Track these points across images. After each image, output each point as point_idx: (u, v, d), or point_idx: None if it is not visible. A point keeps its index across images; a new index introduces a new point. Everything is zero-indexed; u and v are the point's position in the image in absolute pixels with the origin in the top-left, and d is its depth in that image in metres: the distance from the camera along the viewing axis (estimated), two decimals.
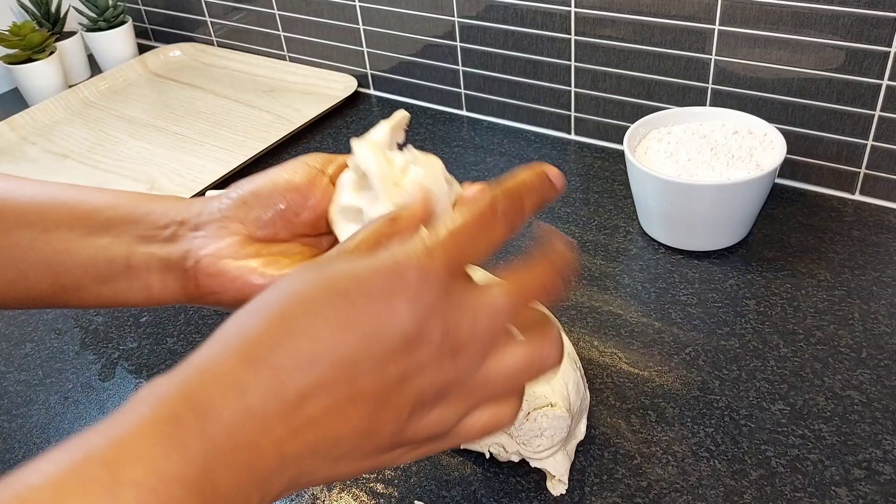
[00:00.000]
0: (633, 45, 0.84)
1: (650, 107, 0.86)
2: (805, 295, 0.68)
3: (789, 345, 0.64)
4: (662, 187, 0.70)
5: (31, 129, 1.09)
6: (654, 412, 0.59)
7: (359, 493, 0.56)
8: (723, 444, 0.57)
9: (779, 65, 0.76)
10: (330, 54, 1.12)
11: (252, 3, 1.15)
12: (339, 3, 1.04)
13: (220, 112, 1.08)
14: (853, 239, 0.74)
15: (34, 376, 0.70)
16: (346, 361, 0.28)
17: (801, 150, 0.80)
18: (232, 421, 0.26)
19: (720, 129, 0.75)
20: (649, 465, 0.56)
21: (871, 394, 0.59)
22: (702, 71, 0.81)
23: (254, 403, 0.27)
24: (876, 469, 0.54)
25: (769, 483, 0.54)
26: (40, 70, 1.15)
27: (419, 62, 1.03)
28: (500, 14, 0.91)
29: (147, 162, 0.99)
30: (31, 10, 1.20)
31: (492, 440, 0.53)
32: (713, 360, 0.63)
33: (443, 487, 0.56)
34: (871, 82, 0.73)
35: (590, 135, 0.94)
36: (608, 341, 0.66)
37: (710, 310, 0.68)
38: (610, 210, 0.82)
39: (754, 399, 0.60)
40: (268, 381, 0.27)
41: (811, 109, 0.77)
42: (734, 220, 0.72)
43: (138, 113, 1.11)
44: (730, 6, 0.76)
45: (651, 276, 0.72)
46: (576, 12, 0.85)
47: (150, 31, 1.34)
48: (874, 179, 0.77)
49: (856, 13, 0.70)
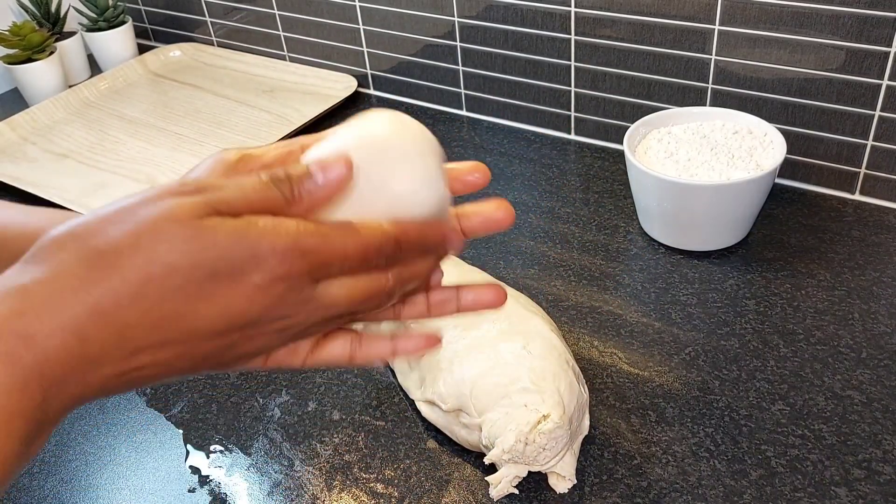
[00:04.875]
0: (633, 45, 0.84)
1: (650, 107, 0.86)
2: (805, 295, 0.68)
3: (789, 345, 0.64)
4: (662, 187, 0.70)
5: (31, 129, 1.09)
6: (654, 412, 0.59)
7: (359, 493, 0.56)
8: (723, 444, 0.57)
9: (779, 65, 0.76)
10: (330, 54, 1.12)
11: (252, 3, 1.15)
12: (339, 3, 1.04)
13: (220, 112, 1.08)
14: (853, 239, 0.74)
15: None
16: (190, 330, 0.31)
17: (801, 150, 0.80)
18: (69, 366, 0.29)
19: (720, 129, 0.75)
20: (649, 465, 0.56)
21: (871, 394, 0.59)
22: (702, 71, 0.81)
23: (92, 351, 0.29)
24: (876, 469, 0.54)
25: (769, 483, 0.54)
26: (40, 70, 1.15)
27: (419, 62, 1.03)
28: (500, 14, 0.91)
29: (147, 162, 0.99)
30: (31, 10, 1.20)
31: (504, 472, 0.53)
32: (713, 360, 0.63)
33: (443, 487, 0.56)
34: (871, 82, 0.73)
35: (590, 135, 0.94)
36: (608, 341, 0.66)
37: (710, 310, 0.68)
38: (610, 210, 0.81)
39: (754, 399, 0.60)
40: (111, 334, 0.29)
41: (811, 109, 0.77)
42: (734, 220, 0.72)
43: (138, 113, 1.11)
44: (730, 6, 0.76)
45: (651, 276, 0.72)
46: (576, 12, 0.85)
47: (150, 31, 1.34)
48: (874, 179, 0.77)
49: (856, 13, 0.70)
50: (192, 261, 0.30)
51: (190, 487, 0.59)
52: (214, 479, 0.59)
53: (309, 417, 0.63)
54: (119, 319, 0.29)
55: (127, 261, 0.29)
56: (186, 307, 0.30)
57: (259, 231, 0.31)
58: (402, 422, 0.61)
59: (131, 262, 0.29)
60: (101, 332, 0.29)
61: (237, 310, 0.31)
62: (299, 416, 0.63)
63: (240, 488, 0.58)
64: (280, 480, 0.58)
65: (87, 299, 0.29)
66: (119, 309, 0.29)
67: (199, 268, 0.30)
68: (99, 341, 0.29)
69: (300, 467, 0.59)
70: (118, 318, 0.29)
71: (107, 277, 0.29)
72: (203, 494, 0.58)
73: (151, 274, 0.30)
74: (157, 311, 0.30)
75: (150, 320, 0.30)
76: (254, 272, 0.31)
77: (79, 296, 0.29)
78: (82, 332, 0.29)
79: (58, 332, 0.29)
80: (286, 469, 0.59)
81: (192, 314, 0.31)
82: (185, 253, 0.30)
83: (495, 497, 0.53)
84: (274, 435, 0.62)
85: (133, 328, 0.30)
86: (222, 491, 0.58)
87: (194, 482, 0.59)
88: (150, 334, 0.30)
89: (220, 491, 0.58)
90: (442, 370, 0.57)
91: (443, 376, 0.57)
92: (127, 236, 0.30)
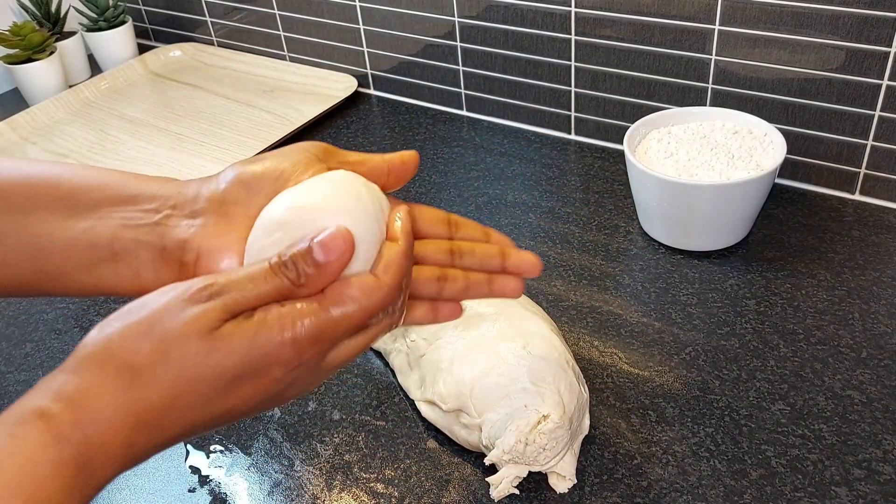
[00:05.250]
0: (633, 45, 0.84)
1: (650, 107, 0.86)
2: (805, 295, 0.68)
3: (789, 345, 0.64)
4: (662, 187, 0.70)
5: (31, 129, 1.09)
6: (654, 412, 0.59)
7: (359, 493, 0.56)
8: (723, 444, 0.57)
9: (779, 65, 0.76)
10: (330, 54, 1.12)
11: (252, 3, 1.15)
12: (339, 3, 1.04)
13: (220, 112, 1.08)
14: (853, 239, 0.74)
15: (34, 376, 0.70)
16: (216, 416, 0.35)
17: (801, 150, 0.80)
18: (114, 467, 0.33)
19: (720, 129, 0.75)
20: (649, 465, 0.56)
21: (871, 394, 0.59)
22: (702, 71, 0.81)
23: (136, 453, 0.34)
24: (876, 469, 0.54)
25: (769, 483, 0.54)
26: (40, 70, 1.15)
27: (419, 62, 1.03)
28: (500, 14, 0.91)
29: (147, 162, 0.99)
30: (31, 10, 1.20)
31: (504, 473, 0.53)
32: (713, 360, 0.63)
33: (443, 487, 0.56)
34: (871, 82, 0.73)
35: (590, 135, 0.94)
36: (608, 341, 0.66)
37: (710, 310, 0.68)
38: (610, 210, 0.82)
39: (754, 399, 0.60)
40: (154, 438, 0.34)
41: (811, 109, 0.77)
42: (734, 220, 0.72)
43: (138, 113, 1.11)
44: (730, 6, 0.76)
45: (651, 276, 0.72)
46: (576, 12, 0.85)
47: (150, 31, 1.34)
48: (874, 179, 0.77)
49: (856, 13, 0.70)
50: (215, 371, 0.34)
51: (190, 487, 0.59)
52: (214, 478, 0.59)
53: (309, 417, 0.63)
54: (158, 426, 0.34)
55: (159, 377, 0.33)
56: (215, 406, 0.35)
57: (269, 330, 0.34)
58: (403, 422, 0.61)
59: (163, 378, 0.33)
60: (144, 440, 0.34)
61: (260, 396, 0.36)
62: (299, 416, 0.63)
63: (240, 488, 0.58)
64: (280, 480, 0.58)
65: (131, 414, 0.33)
66: (159, 419, 0.33)
67: (221, 376, 0.34)
68: (142, 446, 0.34)
69: (300, 467, 0.59)
70: (158, 426, 0.34)
71: (145, 394, 0.33)
72: (203, 494, 0.58)
73: (182, 388, 0.34)
74: (190, 415, 0.34)
75: (185, 422, 0.34)
76: (272, 367, 0.35)
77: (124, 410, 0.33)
78: (129, 441, 0.33)
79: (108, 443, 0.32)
80: (286, 469, 0.59)
81: (220, 408, 0.35)
82: (208, 366, 0.34)
83: (496, 498, 0.53)
84: (274, 435, 0.62)
85: (169, 429, 0.34)
86: (222, 491, 0.58)
87: (194, 482, 0.59)
88: (184, 431, 0.35)
89: (220, 491, 0.58)
90: (442, 370, 0.57)
91: (443, 376, 0.57)
92: (156, 353, 0.33)
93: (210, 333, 0.34)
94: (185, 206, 0.40)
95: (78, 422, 0.32)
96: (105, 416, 0.32)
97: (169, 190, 0.41)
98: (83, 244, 0.40)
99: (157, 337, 0.34)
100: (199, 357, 0.33)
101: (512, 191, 0.86)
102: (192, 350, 0.33)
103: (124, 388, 0.33)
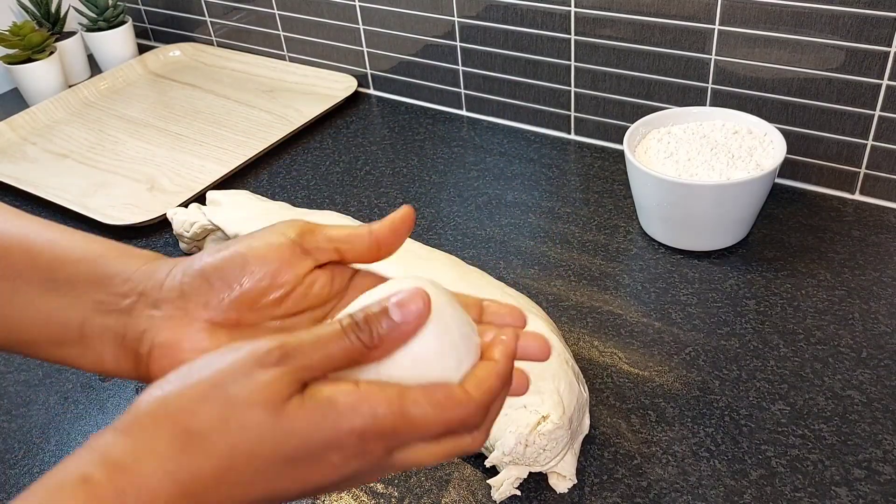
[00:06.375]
0: (633, 45, 0.84)
1: (650, 107, 0.86)
2: (805, 295, 0.68)
3: (789, 345, 0.64)
4: (662, 187, 0.70)
5: (31, 129, 1.09)
6: (654, 412, 0.59)
7: (359, 493, 0.56)
8: (723, 444, 0.57)
9: (779, 65, 0.76)
10: (330, 54, 1.12)
11: (252, 3, 1.15)
12: (339, 3, 1.04)
13: (220, 112, 1.08)
14: (853, 239, 0.74)
15: (34, 376, 0.70)
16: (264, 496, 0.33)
17: (801, 150, 0.80)
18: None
19: (720, 128, 0.75)
20: (649, 465, 0.56)
21: (871, 394, 0.59)
22: (702, 71, 0.81)
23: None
24: (876, 469, 0.54)
25: (769, 483, 0.54)
26: (40, 70, 1.15)
27: (419, 62, 1.03)
28: (500, 14, 0.91)
29: (147, 162, 0.99)
30: (31, 10, 1.20)
31: (505, 475, 0.53)
32: (713, 360, 0.63)
33: (443, 487, 0.56)
34: (871, 82, 0.73)
35: (590, 135, 0.94)
36: (608, 341, 0.66)
37: (710, 310, 0.68)
38: (610, 210, 0.82)
39: (754, 399, 0.60)
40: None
41: (811, 109, 0.77)
42: (734, 220, 0.72)
43: (138, 113, 1.11)
44: (730, 6, 0.76)
45: (651, 276, 0.72)
46: (576, 12, 0.85)
47: (150, 31, 1.34)
48: (874, 179, 0.77)
49: (856, 13, 0.70)
50: (273, 449, 0.32)
51: None
52: None
53: None
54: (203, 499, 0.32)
55: (215, 445, 0.31)
56: (264, 486, 0.33)
57: (338, 413, 0.32)
58: None
59: (219, 446, 0.31)
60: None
61: (312, 483, 0.33)
62: None
63: None
64: None
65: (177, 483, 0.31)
66: (205, 491, 0.32)
67: (278, 454, 0.32)
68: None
69: None
70: (202, 499, 0.32)
71: (198, 462, 0.31)
72: None
73: (235, 461, 0.32)
74: (237, 491, 0.32)
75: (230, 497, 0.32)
76: (332, 453, 0.33)
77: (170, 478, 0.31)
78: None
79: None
80: None
81: (269, 489, 0.33)
82: (266, 442, 0.32)
83: (498, 499, 0.53)
84: None
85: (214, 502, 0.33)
86: None
87: None
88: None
89: None
90: None
91: None
92: (217, 419, 0.31)
93: (276, 408, 0.32)
94: (151, 292, 0.39)
95: (121, 492, 0.30)
96: (150, 484, 0.30)
97: (143, 273, 0.40)
98: (55, 323, 0.40)
99: (221, 401, 0.32)
100: (260, 429, 0.31)
101: (512, 191, 0.86)
102: (255, 421, 0.31)
103: (176, 454, 0.31)
